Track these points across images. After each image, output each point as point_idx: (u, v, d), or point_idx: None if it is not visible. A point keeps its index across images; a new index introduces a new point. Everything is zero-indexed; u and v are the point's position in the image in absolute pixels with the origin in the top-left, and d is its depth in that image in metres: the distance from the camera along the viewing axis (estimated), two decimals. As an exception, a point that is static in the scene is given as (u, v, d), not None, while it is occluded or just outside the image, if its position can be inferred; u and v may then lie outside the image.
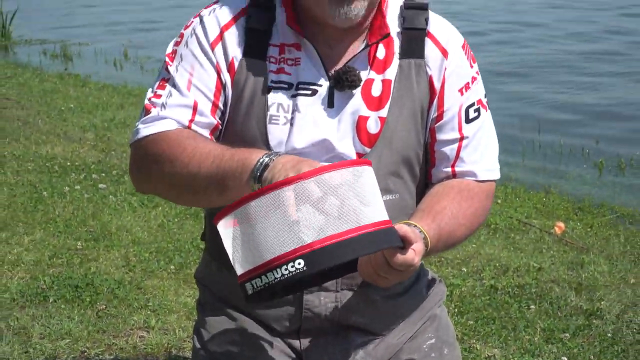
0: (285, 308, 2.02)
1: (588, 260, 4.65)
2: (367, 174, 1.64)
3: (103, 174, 6.01)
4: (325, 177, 1.57)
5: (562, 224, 5.33)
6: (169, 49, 1.98)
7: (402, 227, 1.68)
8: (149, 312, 3.88)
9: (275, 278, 1.54)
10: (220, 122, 1.94)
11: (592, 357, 3.53)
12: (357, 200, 1.59)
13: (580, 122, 8.59)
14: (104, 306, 3.93)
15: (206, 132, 1.91)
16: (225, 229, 1.61)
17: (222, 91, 1.92)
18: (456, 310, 3.94)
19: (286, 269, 1.53)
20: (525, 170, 6.96)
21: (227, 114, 1.95)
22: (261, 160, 1.67)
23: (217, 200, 1.82)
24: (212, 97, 1.91)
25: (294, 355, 2.08)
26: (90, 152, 6.70)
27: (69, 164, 6.30)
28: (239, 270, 1.60)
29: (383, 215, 1.63)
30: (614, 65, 11.23)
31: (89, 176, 5.99)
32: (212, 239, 2.10)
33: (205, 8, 1.99)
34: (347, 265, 1.76)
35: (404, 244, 1.66)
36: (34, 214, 5.18)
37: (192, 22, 1.97)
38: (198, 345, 2.16)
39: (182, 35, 1.97)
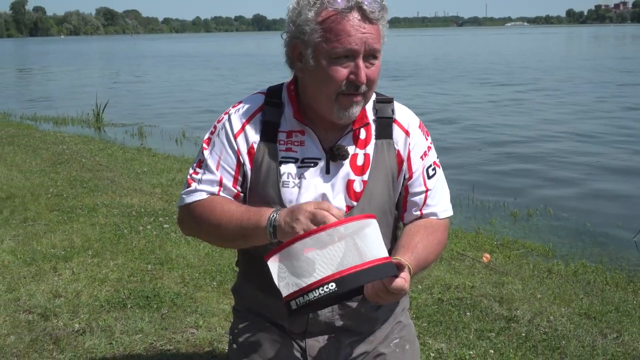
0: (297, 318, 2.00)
1: (507, 281, 4.63)
2: (374, 224, 1.68)
3: (167, 217, 6.01)
4: (347, 225, 1.63)
5: (488, 255, 5.32)
6: (206, 137, 2.01)
7: (397, 261, 1.72)
8: (198, 316, 3.86)
9: (314, 296, 1.58)
10: (240, 190, 1.96)
11: (511, 350, 3.51)
12: (367, 243, 1.63)
13: (501, 185, 8.63)
14: (166, 311, 3.91)
15: (231, 198, 1.95)
16: (273, 263, 1.64)
17: (240, 168, 1.94)
18: (414, 315, 3.92)
19: (322, 289, 1.58)
20: (462, 217, 6.96)
21: (247, 182, 1.96)
22: (269, 221, 1.76)
23: (243, 246, 1.94)
24: (233, 174, 1.94)
25: (300, 352, 2.08)
26: (158, 202, 6.71)
27: (142, 210, 6.31)
28: (284, 292, 1.63)
29: (385, 253, 1.67)
30: (526, 146, 11.33)
31: (156, 219, 5.99)
32: (244, 264, 2.16)
33: (232, 107, 2.01)
34: (357, 290, 1.77)
35: (398, 273, 1.68)
36: (118, 245, 5.18)
37: (223, 118, 1.99)
38: (232, 340, 2.18)
39: (215, 127, 2.00)
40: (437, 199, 2.05)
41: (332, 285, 1.57)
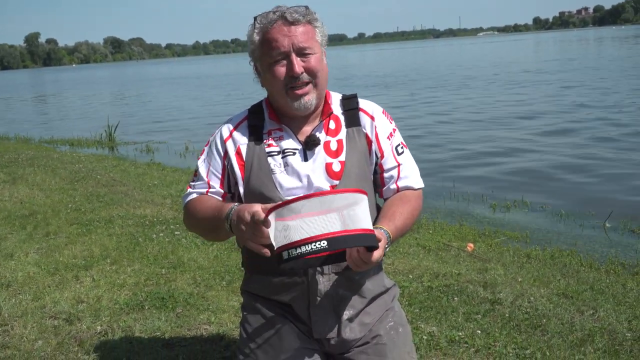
0: (300, 290, 2.09)
1: (490, 267, 4.64)
2: (364, 199, 1.74)
3: (177, 225, 6.00)
4: (342, 195, 1.69)
5: (472, 245, 5.33)
6: (201, 151, 2.22)
7: (377, 232, 1.79)
8: (210, 313, 3.86)
9: (306, 250, 1.61)
10: (227, 190, 2.15)
11: (496, 330, 3.51)
12: (356, 214, 1.69)
13: (481, 177, 8.64)
14: (181, 310, 3.91)
15: (219, 197, 2.14)
16: (272, 219, 1.68)
17: (226, 170, 2.13)
18: (407, 302, 3.93)
19: (314, 245, 1.61)
20: (446, 211, 6.98)
21: (237, 179, 2.11)
22: (227, 214, 1.89)
23: (216, 238, 2.11)
24: (219, 176, 2.14)
25: (306, 332, 2.11)
26: (169, 212, 6.70)
27: (155, 219, 6.30)
28: (277, 244, 1.66)
29: (370, 226, 1.73)
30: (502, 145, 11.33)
31: (168, 227, 5.98)
32: (248, 260, 2.25)
33: (224, 123, 2.21)
34: (341, 255, 1.86)
35: (378, 245, 1.77)
36: (133, 252, 5.17)
37: (215, 133, 2.20)
38: (243, 333, 2.23)
39: (208, 141, 2.21)
40: (409, 172, 2.18)
41: (323, 243, 1.61)
